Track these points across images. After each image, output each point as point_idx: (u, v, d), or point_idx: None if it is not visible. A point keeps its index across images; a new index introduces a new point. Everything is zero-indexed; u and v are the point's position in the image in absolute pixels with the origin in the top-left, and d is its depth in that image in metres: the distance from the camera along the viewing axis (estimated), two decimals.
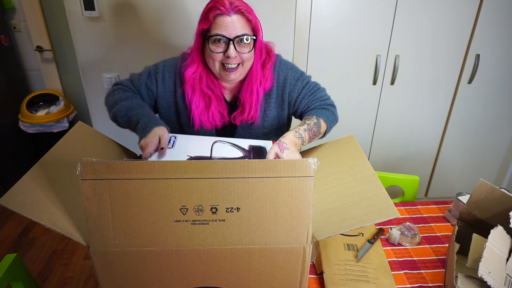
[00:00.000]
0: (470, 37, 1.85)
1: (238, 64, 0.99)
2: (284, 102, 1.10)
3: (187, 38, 1.96)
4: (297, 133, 0.95)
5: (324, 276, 0.92)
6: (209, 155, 0.91)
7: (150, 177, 0.64)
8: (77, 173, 0.62)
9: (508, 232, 0.83)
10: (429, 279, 0.96)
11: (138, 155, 1.03)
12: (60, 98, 2.47)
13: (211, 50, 0.96)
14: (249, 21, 0.96)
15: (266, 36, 2.04)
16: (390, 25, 1.80)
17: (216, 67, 0.99)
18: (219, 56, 0.96)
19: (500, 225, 0.83)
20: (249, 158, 0.90)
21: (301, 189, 0.66)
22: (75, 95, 2.60)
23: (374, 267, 0.96)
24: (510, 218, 0.81)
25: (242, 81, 1.06)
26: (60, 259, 1.97)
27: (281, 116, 1.13)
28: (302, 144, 0.97)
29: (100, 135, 0.98)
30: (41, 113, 2.40)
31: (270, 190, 0.66)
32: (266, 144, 0.99)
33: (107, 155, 0.94)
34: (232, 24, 0.92)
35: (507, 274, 0.75)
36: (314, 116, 1.03)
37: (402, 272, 0.98)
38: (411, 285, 0.94)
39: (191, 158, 0.86)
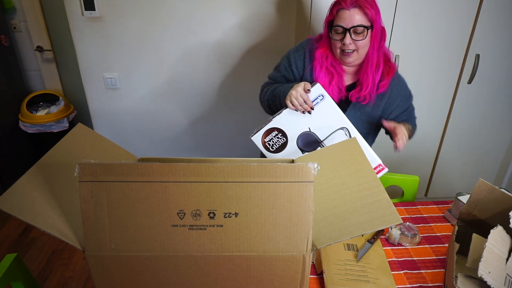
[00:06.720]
0: (470, 37, 1.85)
1: (354, 50, 1.17)
2: (386, 110, 1.32)
3: (188, 37, 1.96)
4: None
5: (324, 276, 0.92)
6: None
7: (148, 180, 0.63)
8: (75, 174, 0.61)
9: (508, 232, 0.83)
10: (429, 279, 0.96)
11: (139, 158, 1.03)
12: (60, 98, 2.47)
13: (332, 38, 1.18)
14: (365, 13, 1.13)
15: (266, 35, 2.02)
16: (390, 25, 1.79)
17: (337, 52, 1.21)
18: (339, 43, 1.18)
19: (500, 225, 0.83)
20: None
21: (301, 195, 0.64)
22: (75, 95, 2.61)
23: (374, 267, 0.96)
24: (510, 218, 0.81)
25: (360, 68, 1.26)
26: (60, 259, 1.97)
27: (379, 117, 1.33)
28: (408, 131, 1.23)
29: (100, 137, 0.97)
30: (41, 113, 2.40)
31: (269, 195, 0.64)
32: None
33: (107, 157, 0.93)
34: (349, 17, 1.12)
35: (507, 274, 0.75)
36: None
37: (402, 272, 0.98)
38: (411, 285, 0.94)
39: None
